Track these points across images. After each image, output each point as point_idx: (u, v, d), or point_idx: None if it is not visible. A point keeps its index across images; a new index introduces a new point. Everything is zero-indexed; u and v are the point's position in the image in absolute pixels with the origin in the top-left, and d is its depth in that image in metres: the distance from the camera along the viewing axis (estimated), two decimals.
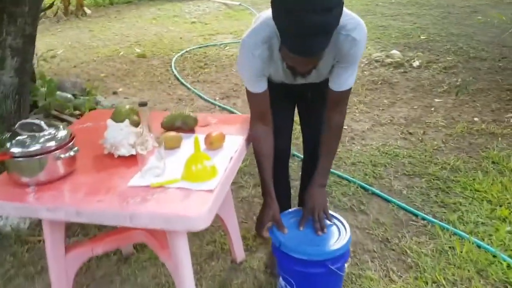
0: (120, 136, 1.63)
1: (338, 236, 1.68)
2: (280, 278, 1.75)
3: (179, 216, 1.30)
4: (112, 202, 1.38)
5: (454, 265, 2.08)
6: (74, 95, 3.80)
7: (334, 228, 1.73)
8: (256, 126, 1.74)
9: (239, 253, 2.14)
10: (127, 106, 1.87)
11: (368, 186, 2.72)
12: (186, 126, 1.83)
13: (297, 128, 2.12)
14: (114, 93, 4.51)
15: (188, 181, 1.47)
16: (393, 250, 2.21)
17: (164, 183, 1.46)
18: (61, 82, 3.92)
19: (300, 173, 2.21)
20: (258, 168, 1.76)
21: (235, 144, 1.71)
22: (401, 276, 2.04)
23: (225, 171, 1.52)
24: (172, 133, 1.72)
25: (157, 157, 1.52)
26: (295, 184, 2.71)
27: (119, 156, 1.64)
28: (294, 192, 2.48)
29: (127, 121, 1.67)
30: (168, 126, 1.83)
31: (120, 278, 2.09)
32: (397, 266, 2.10)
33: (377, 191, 2.67)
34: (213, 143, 1.65)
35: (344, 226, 1.72)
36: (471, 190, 2.66)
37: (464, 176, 2.81)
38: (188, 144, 1.73)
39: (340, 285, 1.81)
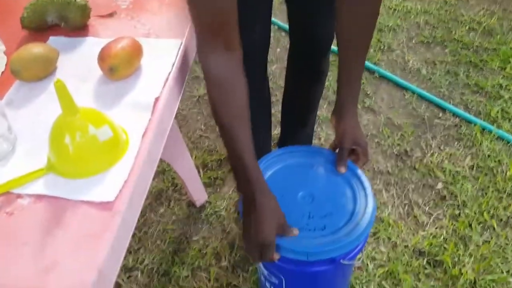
0: None
1: (354, 205, 0.98)
2: (261, 265, 1.11)
3: None
4: None
5: (505, 192, 1.47)
6: None
7: (347, 190, 1.02)
8: (213, 54, 0.77)
9: (199, 193, 1.47)
10: None
11: (374, 66, 1.95)
12: (68, 22, 0.95)
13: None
14: None
15: (60, 175, 0.69)
16: (416, 169, 1.56)
17: (3, 187, 0.68)
18: None
19: (285, 73, 1.41)
20: (226, 139, 0.83)
21: (165, 60, 0.88)
22: (431, 214, 1.43)
23: (142, 139, 0.74)
24: (36, 47, 0.86)
25: None
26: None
27: None
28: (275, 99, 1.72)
29: None
30: (34, 25, 0.96)
31: None
32: (424, 197, 1.48)
33: (387, 73, 1.92)
34: (117, 69, 0.82)
35: (363, 185, 1.01)
36: None
37: (502, 42, 2.04)
38: (72, 68, 0.90)
39: (350, 275, 1.20)
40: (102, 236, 0.61)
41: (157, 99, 0.80)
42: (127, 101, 0.80)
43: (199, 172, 1.56)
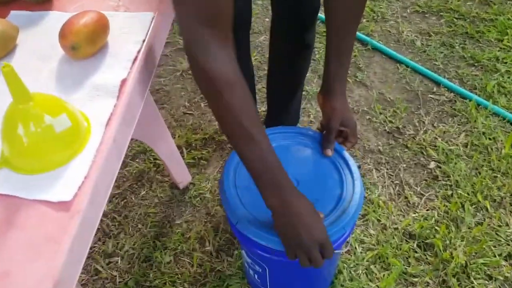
0: None
1: (340, 190, 0.93)
2: (244, 253, 1.06)
3: None
4: None
5: (499, 171, 1.42)
6: None
7: (334, 174, 0.96)
8: (215, 50, 0.65)
9: (182, 175, 1.40)
10: None
11: (366, 38, 1.86)
12: None
13: None
14: None
15: (14, 170, 0.62)
16: (408, 148, 1.50)
17: None
18: None
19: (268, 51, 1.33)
20: (249, 150, 0.72)
21: (135, 37, 0.79)
22: (422, 195, 1.38)
23: (106, 127, 0.66)
24: None
25: None
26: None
27: None
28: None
29: None
30: None
31: None
32: (416, 177, 1.43)
33: (380, 45, 1.83)
34: (79, 47, 0.74)
35: (350, 169, 0.95)
36: None
37: (499, 12, 1.96)
38: (33, 46, 0.82)
39: (337, 261, 1.15)
40: (59, 240, 0.55)
41: (124, 81, 0.72)
42: (91, 83, 0.72)
43: (182, 152, 1.49)
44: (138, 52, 0.77)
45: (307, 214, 0.75)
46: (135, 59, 0.76)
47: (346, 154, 0.97)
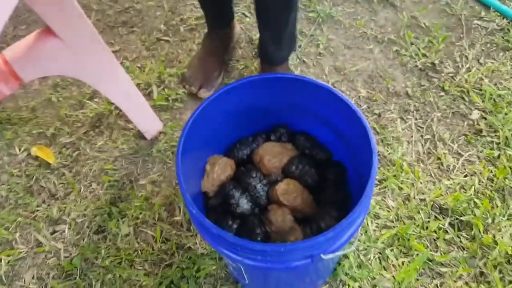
0: None
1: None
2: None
3: None
4: None
5: None
6: None
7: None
8: None
9: (149, 122, 1.09)
10: None
11: None
12: None
13: None
14: None
15: None
16: (444, 91, 1.15)
17: None
18: None
19: None
20: None
21: None
22: (460, 155, 1.06)
23: None
24: None
25: None
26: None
27: None
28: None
29: None
30: None
31: None
32: (453, 131, 1.10)
33: None
34: None
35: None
36: None
37: None
38: None
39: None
40: None
41: None
42: None
43: (151, 91, 1.17)
44: None
45: None
46: None
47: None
